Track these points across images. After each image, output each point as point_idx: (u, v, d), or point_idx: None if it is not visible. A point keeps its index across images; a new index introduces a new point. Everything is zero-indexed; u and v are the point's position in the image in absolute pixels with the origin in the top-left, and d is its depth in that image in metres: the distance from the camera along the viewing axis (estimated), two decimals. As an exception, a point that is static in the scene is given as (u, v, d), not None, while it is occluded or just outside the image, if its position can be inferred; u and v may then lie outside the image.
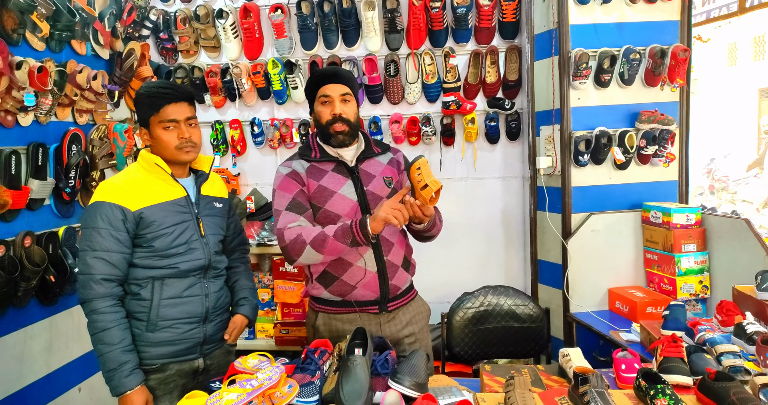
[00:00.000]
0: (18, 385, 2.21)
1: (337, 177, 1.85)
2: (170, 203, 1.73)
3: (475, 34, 3.07)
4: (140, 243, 1.69)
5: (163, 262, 1.70)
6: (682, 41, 2.72)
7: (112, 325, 1.61)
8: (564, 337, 2.80)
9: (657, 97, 2.76)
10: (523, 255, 3.24)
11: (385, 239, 1.86)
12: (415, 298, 2.01)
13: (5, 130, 2.15)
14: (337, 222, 1.79)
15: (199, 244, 1.77)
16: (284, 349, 3.07)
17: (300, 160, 1.89)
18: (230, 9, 3.13)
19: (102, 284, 1.62)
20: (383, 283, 1.86)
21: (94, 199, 1.67)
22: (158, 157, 1.73)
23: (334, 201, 1.82)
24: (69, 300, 2.50)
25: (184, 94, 1.74)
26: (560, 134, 2.73)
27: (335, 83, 1.82)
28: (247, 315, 1.92)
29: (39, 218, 2.33)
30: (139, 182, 1.71)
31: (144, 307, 1.70)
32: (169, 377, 1.74)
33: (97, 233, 1.63)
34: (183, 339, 1.74)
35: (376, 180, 1.87)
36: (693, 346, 1.74)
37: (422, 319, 2.01)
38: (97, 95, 2.57)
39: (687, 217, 2.56)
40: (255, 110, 3.33)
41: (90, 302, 1.62)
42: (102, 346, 1.61)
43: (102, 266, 1.62)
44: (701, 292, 2.55)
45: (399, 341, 1.93)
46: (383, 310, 1.88)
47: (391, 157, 1.96)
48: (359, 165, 1.88)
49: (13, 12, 2.09)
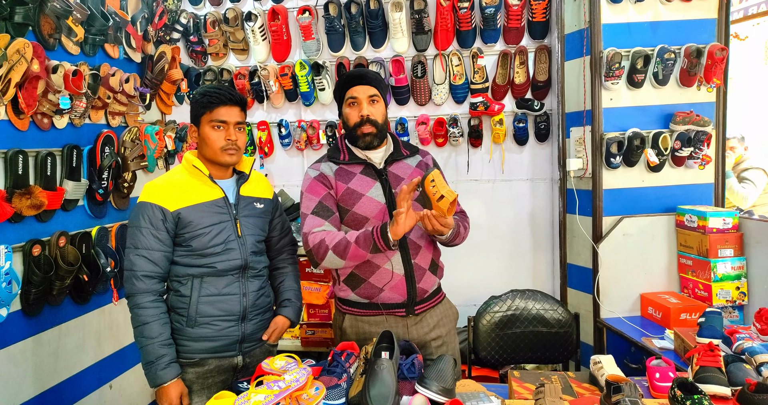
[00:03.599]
0: (53, 381, 2.27)
1: (366, 179, 1.85)
2: (208, 204, 1.77)
3: (504, 34, 3.04)
4: (180, 242, 1.75)
5: (201, 261, 1.75)
6: (719, 40, 2.64)
7: (151, 320, 1.68)
8: (594, 343, 2.74)
9: (692, 98, 2.68)
10: (551, 258, 3.19)
11: (413, 242, 1.85)
12: (442, 301, 1.99)
13: (41, 133, 2.21)
14: (365, 224, 1.81)
15: (236, 244, 1.79)
16: (310, 349, 3.08)
17: (329, 162, 1.90)
18: (259, 12, 3.16)
19: (143, 281, 1.69)
20: (410, 286, 1.84)
21: (140, 200, 1.74)
22: (197, 159, 1.79)
23: (362, 203, 1.82)
24: (101, 299, 2.55)
25: (237, 99, 1.80)
26: (591, 136, 2.68)
27: (363, 85, 1.82)
28: (289, 317, 1.94)
29: (73, 218, 2.38)
30: (180, 183, 1.76)
31: (184, 303, 1.76)
32: (208, 372, 1.78)
33: (140, 232, 1.70)
34: (221, 336, 1.78)
35: (405, 183, 1.84)
36: (731, 356, 1.68)
37: (450, 322, 1.99)
38: (129, 98, 2.61)
39: (724, 221, 2.48)
40: (282, 112, 3.35)
41: (133, 297, 1.70)
42: (142, 338, 1.68)
43: (143, 263, 1.69)
44: (738, 298, 2.47)
45: (426, 344, 1.91)
46: (410, 312, 1.87)
47: (419, 160, 1.95)
48: (388, 167, 1.87)
49: (50, 17, 2.14)
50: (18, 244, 2.07)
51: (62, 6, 2.15)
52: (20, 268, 2.08)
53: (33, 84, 2.04)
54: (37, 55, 2.03)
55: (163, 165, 3.05)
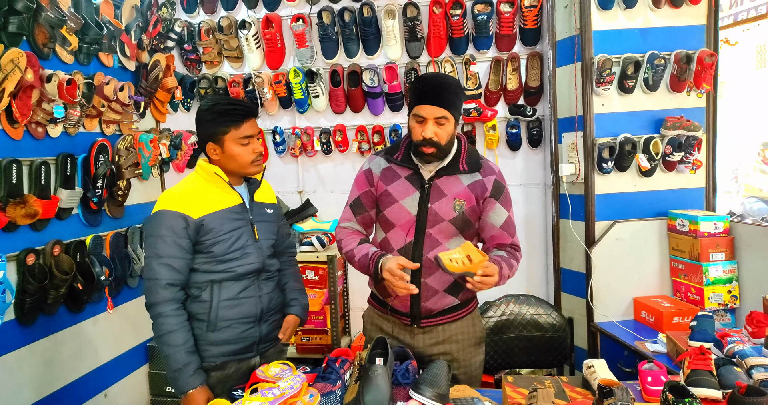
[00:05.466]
0: (48, 390, 2.27)
1: (407, 186, 1.79)
2: (227, 210, 1.79)
3: (496, 41, 3.06)
4: (200, 249, 1.75)
5: (221, 267, 1.77)
6: (709, 46, 2.67)
7: (176, 328, 1.68)
8: (588, 347, 2.75)
9: (683, 103, 2.71)
10: (545, 263, 3.20)
11: (430, 262, 1.75)
12: (464, 318, 1.88)
13: (36, 142, 2.21)
14: (391, 230, 1.81)
15: (253, 248, 1.83)
16: (305, 356, 3.08)
17: (383, 157, 1.86)
18: (253, 20, 3.17)
19: (167, 289, 1.69)
20: (415, 303, 1.81)
21: (158, 208, 1.72)
22: (217, 168, 1.78)
23: (393, 209, 1.80)
24: (96, 307, 2.55)
25: (255, 111, 1.82)
26: (583, 141, 2.70)
27: (434, 105, 1.67)
28: (298, 315, 1.99)
29: (68, 227, 2.38)
30: (199, 191, 1.77)
31: (204, 308, 1.77)
32: (228, 376, 1.81)
33: (162, 240, 1.69)
34: (241, 338, 1.81)
35: (446, 200, 1.75)
36: (722, 359, 1.70)
37: (466, 340, 1.88)
38: (124, 106, 2.62)
39: (715, 225, 2.50)
40: (277, 119, 3.36)
41: (156, 306, 1.69)
42: (167, 347, 1.68)
43: (167, 272, 1.69)
44: (730, 302, 2.49)
45: (431, 357, 1.84)
46: (415, 324, 1.85)
47: (477, 180, 1.78)
48: (435, 179, 1.77)
49: (44, 27, 2.16)
50: (12, 253, 2.07)
51: (56, 16, 2.17)
52: (15, 278, 2.08)
53: (27, 93, 2.05)
54: (32, 65, 2.04)
55: (158, 173, 3.06)
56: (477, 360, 1.93)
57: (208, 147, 1.79)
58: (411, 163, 1.79)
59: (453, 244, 1.75)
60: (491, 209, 1.80)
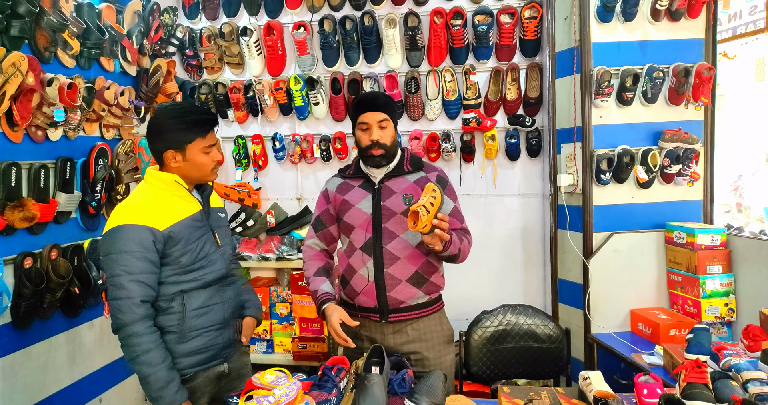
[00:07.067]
0: (42, 395, 2.25)
1: (361, 192, 1.98)
2: (190, 218, 1.75)
3: (496, 51, 3.08)
4: (167, 261, 1.70)
5: (189, 276, 1.74)
6: (707, 59, 2.69)
7: (153, 346, 1.62)
8: (585, 359, 2.75)
9: (681, 116, 2.73)
10: (542, 273, 3.20)
11: (389, 252, 1.91)
12: (430, 316, 1.99)
13: (35, 145, 2.21)
14: (352, 232, 1.97)
15: (218, 254, 1.83)
16: (302, 363, 3.07)
17: (337, 176, 2.10)
18: (254, 27, 3.19)
19: (141, 306, 1.62)
20: (380, 294, 1.92)
21: (117, 223, 1.64)
22: (176, 175, 1.74)
23: (351, 213, 1.97)
24: (92, 312, 2.54)
25: (215, 118, 1.81)
26: (582, 152, 2.71)
27: (373, 111, 1.92)
28: (255, 316, 2.00)
29: (65, 231, 2.38)
30: (158, 201, 1.71)
31: (175, 320, 1.72)
32: (197, 386, 1.78)
33: (132, 256, 1.61)
34: (210, 346, 1.79)
35: (395, 196, 1.94)
36: (718, 372, 1.69)
37: (434, 338, 1.98)
38: (124, 111, 2.63)
39: (712, 237, 2.51)
40: (277, 126, 3.37)
41: (129, 326, 1.60)
42: (147, 367, 1.61)
43: (140, 289, 1.62)
44: (727, 314, 2.49)
45: (404, 356, 1.93)
46: (384, 319, 1.94)
47: (421, 176, 1.99)
48: (385, 182, 1.97)
49: (46, 31, 2.17)
50: (9, 256, 2.07)
51: (58, 20, 2.18)
52: (11, 281, 2.08)
53: (28, 97, 2.06)
54: (33, 68, 2.05)
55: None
56: (448, 359, 2.02)
57: (167, 154, 1.72)
58: (361, 174, 2.01)
59: (409, 235, 1.92)
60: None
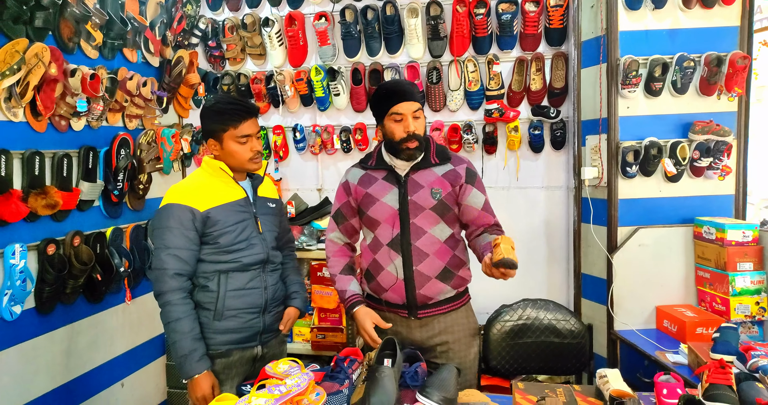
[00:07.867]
0: (65, 379, 2.31)
1: (385, 185, 1.91)
2: (232, 204, 1.87)
3: (520, 40, 3.01)
4: (207, 241, 1.82)
5: (227, 257, 1.84)
6: (742, 48, 2.58)
7: (183, 316, 1.75)
8: (607, 356, 2.68)
9: (712, 107, 2.62)
10: (566, 268, 3.14)
11: (418, 249, 1.87)
12: (458, 310, 1.96)
13: (59, 134, 2.25)
14: (378, 226, 1.91)
15: (258, 240, 1.90)
16: (320, 353, 3.08)
17: (357, 167, 2.02)
18: (276, 17, 3.19)
19: (175, 278, 1.76)
20: (410, 292, 1.88)
21: (166, 202, 1.81)
22: (222, 163, 1.88)
23: (376, 208, 1.90)
24: (114, 298, 2.59)
25: (255, 111, 1.89)
26: (607, 144, 2.64)
27: (408, 101, 1.84)
28: (299, 307, 2.05)
29: (88, 219, 2.42)
30: (205, 185, 1.85)
31: (212, 298, 1.84)
32: (233, 363, 1.87)
33: (170, 232, 1.76)
34: (245, 328, 1.87)
35: (423, 190, 1.87)
36: (744, 373, 1.63)
37: (461, 330, 1.96)
38: (146, 101, 2.66)
39: (743, 234, 2.41)
40: (297, 116, 3.37)
41: (164, 295, 1.76)
42: (174, 334, 1.75)
43: (175, 262, 1.76)
44: (758, 313, 2.39)
45: (431, 348, 1.92)
46: (413, 315, 1.91)
47: (449, 169, 1.91)
48: (411, 174, 1.90)
49: (70, 21, 2.19)
50: (33, 242, 2.11)
51: (81, 11, 2.20)
52: (35, 267, 2.13)
53: (51, 87, 2.09)
54: (55, 59, 2.08)
55: (179, 167, 3.09)
56: (472, 351, 2.00)
57: (209, 142, 1.89)
58: (385, 165, 1.94)
59: (437, 230, 1.87)
60: (468, 193, 1.91)
